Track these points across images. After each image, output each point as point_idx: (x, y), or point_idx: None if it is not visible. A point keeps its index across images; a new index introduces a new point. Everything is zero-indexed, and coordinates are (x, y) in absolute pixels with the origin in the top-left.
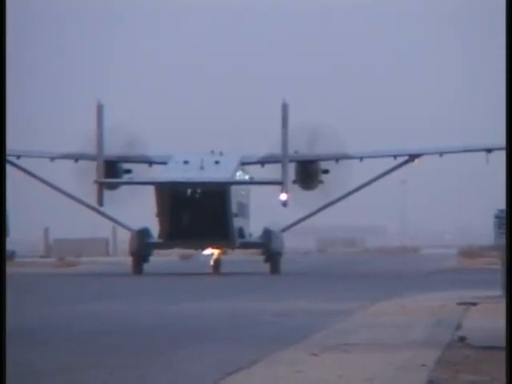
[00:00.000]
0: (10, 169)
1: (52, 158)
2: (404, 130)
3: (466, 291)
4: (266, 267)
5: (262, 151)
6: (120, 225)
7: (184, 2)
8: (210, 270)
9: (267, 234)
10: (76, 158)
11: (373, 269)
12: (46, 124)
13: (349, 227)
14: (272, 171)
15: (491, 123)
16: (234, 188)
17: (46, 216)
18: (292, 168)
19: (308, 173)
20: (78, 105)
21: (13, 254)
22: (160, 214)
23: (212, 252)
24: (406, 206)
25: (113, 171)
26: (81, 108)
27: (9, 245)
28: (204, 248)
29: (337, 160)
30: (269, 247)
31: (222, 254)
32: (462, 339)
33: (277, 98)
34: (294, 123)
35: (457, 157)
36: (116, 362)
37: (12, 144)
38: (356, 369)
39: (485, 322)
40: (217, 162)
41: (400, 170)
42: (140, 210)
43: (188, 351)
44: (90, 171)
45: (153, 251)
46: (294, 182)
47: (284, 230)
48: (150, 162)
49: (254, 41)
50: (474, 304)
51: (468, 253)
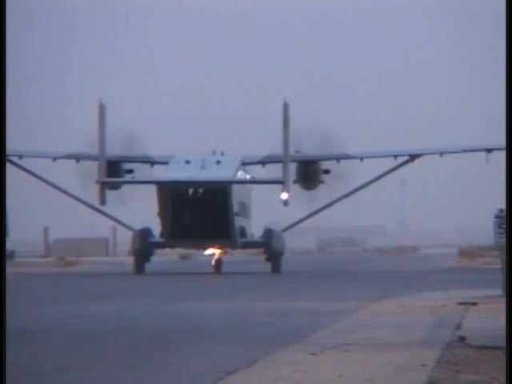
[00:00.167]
0: (10, 169)
1: (54, 158)
2: (404, 130)
3: (465, 291)
4: (267, 267)
5: (263, 151)
6: (122, 225)
7: (184, 1)
8: (212, 270)
9: (268, 233)
10: (78, 158)
11: (372, 268)
12: (48, 124)
13: (348, 227)
14: (273, 171)
15: (491, 123)
16: (235, 188)
17: (46, 216)
18: (293, 168)
19: (309, 173)
20: (80, 105)
21: (12, 254)
22: (161, 214)
23: (213, 252)
24: (406, 205)
25: (115, 171)
26: (82, 108)
27: (8, 244)
28: (205, 248)
29: (337, 160)
30: (270, 247)
31: (224, 253)
32: (462, 339)
33: (278, 98)
34: (295, 123)
35: (456, 157)
36: (115, 362)
37: (13, 144)
38: (355, 368)
39: (485, 321)
40: (218, 162)
41: (400, 169)
42: (141, 210)
43: (187, 351)
44: (91, 171)
45: (154, 251)
46: (294, 182)
47: (285, 230)
48: (152, 162)
49: (255, 41)
50: (474, 304)
51: (468, 252)
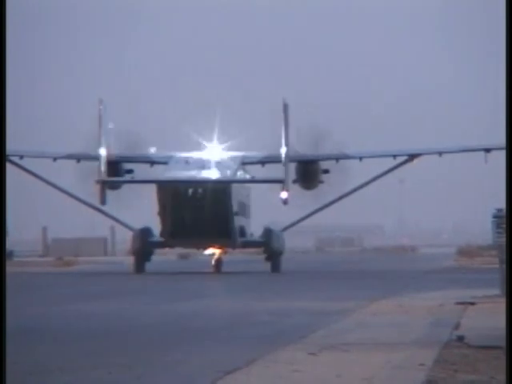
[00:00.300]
0: (10, 169)
1: (55, 158)
2: (403, 130)
3: (464, 290)
4: (267, 266)
5: (263, 151)
6: (122, 224)
7: (184, 1)
8: (212, 269)
9: (268, 233)
10: (78, 158)
11: (371, 268)
12: (48, 124)
13: (347, 226)
14: (272, 171)
15: (490, 123)
16: (235, 187)
17: (44, 215)
18: (292, 168)
19: (308, 173)
20: (80, 105)
21: (11, 254)
22: (162, 213)
23: (213, 251)
24: (404, 205)
25: (115, 171)
26: (82, 108)
27: (7, 244)
28: (205, 247)
29: (337, 160)
30: (270, 246)
31: (224, 253)
32: (461, 338)
33: (277, 98)
34: (295, 123)
35: (455, 156)
36: (115, 361)
37: (13, 144)
38: (354, 368)
39: (483, 321)
40: (218, 162)
41: (398, 169)
42: (141, 209)
43: (187, 350)
44: (92, 171)
45: (155, 250)
46: (294, 182)
47: (284, 230)
48: (152, 162)
49: (254, 41)
50: (472, 303)
51: (466, 252)
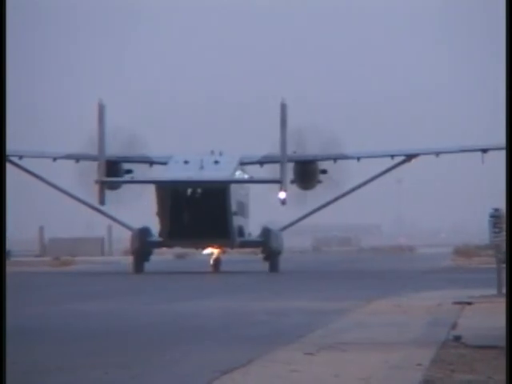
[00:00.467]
0: (10, 169)
1: (54, 159)
2: (403, 130)
3: (461, 290)
4: (265, 266)
5: (261, 151)
6: (121, 224)
7: (183, 2)
8: (211, 269)
9: (266, 232)
10: (78, 158)
11: (368, 268)
12: (48, 124)
13: (344, 226)
14: (271, 171)
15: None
16: (233, 187)
17: (41, 215)
18: (290, 168)
19: (306, 173)
20: (79, 105)
21: (8, 254)
22: (160, 213)
23: (212, 251)
24: (402, 205)
25: (114, 171)
26: (82, 108)
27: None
28: (204, 247)
29: (335, 160)
30: (268, 246)
31: (222, 252)
32: (458, 338)
33: (276, 99)
34: (293, 124)
35: (452, 157)
36: (112, 361)
37: (13, 144)
38: (351, 368)
39: (480, 321)
40: (216, 162)
41: (396, 169)
42: (140, 209)
43: (185, 350)
44: (91, 171)
45: (153, 250)
46: (292, 182)
47: (283, 230)
48: (151, 162)
49: (253, 41)
50: (469, 303)
51: (463, 252)
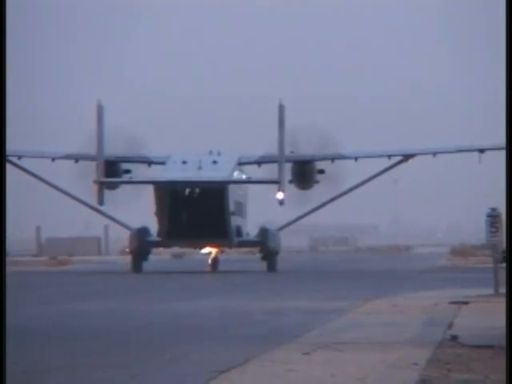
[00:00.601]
0: (8, 169)
1: (53, 159)
2: (402, 130)
3: (458, 290)
4: (263, 265)
5: (259, 151)
6: (120, 224)
7: (181, 2)
8: (209, 269)
9: (264, 232)
10: (76, 158)
11: (365, 267)
12: (46, 125)
13: (341, 226)
14: (269, 171)
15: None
16: (231, 187)
17: (38, 215)
18: (288, 168)
19: (304, 173)
20: (78, 105)
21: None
22: (159, 213)
23: (210, 250)
24: (399, 205)
25: (112, 171)
26: (81, 109)
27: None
28: (202, 246)
29: (332, 160)
30: (266, 246)
31: (220, 252)
32: (454, 338)
33: (273, 99)
34: (291, 124)
35: (449, 157)
36: (111, 361)
37: (12, 144)
38: (348, 367)
39: (477, 320)
40: (215, 162)
41: (393, 169)
42: (139, 209)
43: (183, 349)
44: (90, 171)
45: (152, 250)
46: (290, 182)
47: (280, 229)
48: (149, 162)
49: (251, 42)
50: (466, 303)
51: (460, 251)
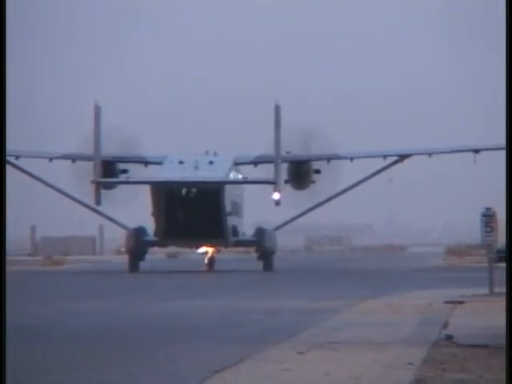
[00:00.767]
0: (7, 168)
1: (50, 159)
2: (400, 131)
3: (453, 289)
4: (259, 265)
5: (256, 152)
6: (117, 223)
7: (178, 3)
8: (205, 268)
9: (260, 232)
10: (74, 158)
11: (361, 267)
12: (44, 125)
13: (336, 225)
14: (265, 171)
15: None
16: (227, 187)
17: (33, 214)
18: (284, 168)
19: (300, 173)
20: (76, 106)
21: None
22: (155, 213)
23: (206, 250)
24: (394, 204)
25: (109, 171)
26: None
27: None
28: (199, 246)
29: (328, 160)
30: (262, 245)
31: (216, 252)
32: (449, 337)
33: (270, 100)
34: (287, 124)
35: (444, 157)
36: (106, 361)
37: (10, 144)
38: (343, 367)
39: (472, 320)
40: (211, 162)
41: (388, 169)
42: (135, 209)
43: (178, 349)
44: (87, 171)
45: (148, 249)
46: (286, 182)
47: (276, 229)
48: (146, 163)
49: (247, 42)
50: (461, 302)
51: (455, 251)
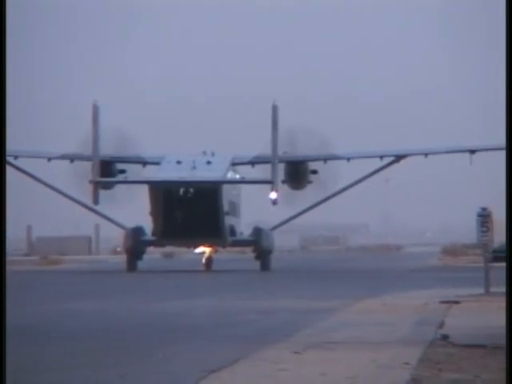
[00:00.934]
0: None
1: (49, 159)
2: (400, 131)
3: (449, 289)
4: (257, 264)
5: (253, 152)
6: (114, 223)
7: (176, 4)
8: (203, 268)
9: (258, 232)
10: (72, 158)
11: (357, 267)
12: (43, 125)
13: (332, 225)
14: (262, 171)
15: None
16: (225, 187)
17: (29, 214)
18: (281, 168)
19: (297, 173)
20: (74, 106)
21: None
22: (153, 213)
23: (204, 250)
24: (390, 204)
25: (108, 171)
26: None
27: None
28: (196, 246)
29: (325, 160)
30: (259, 245)
31: (214, 251)
32: (445, 337)
33: (267, 100)
34: (284, 125)
35: (440, 157)
36: (103, 360)
37: (11, 145)
38: (339, 367)
39: (468, 320)
40: (209, 162)
41: (385, 169)
42: (133, 209)
43: (175, 348)
44: (85, 171)
45: (146, 249)
46: (283, 182)
47: (273, 229)
48: (144, 163)
49: (245, 43)
50: (456, 302)
51: (451, 251)
